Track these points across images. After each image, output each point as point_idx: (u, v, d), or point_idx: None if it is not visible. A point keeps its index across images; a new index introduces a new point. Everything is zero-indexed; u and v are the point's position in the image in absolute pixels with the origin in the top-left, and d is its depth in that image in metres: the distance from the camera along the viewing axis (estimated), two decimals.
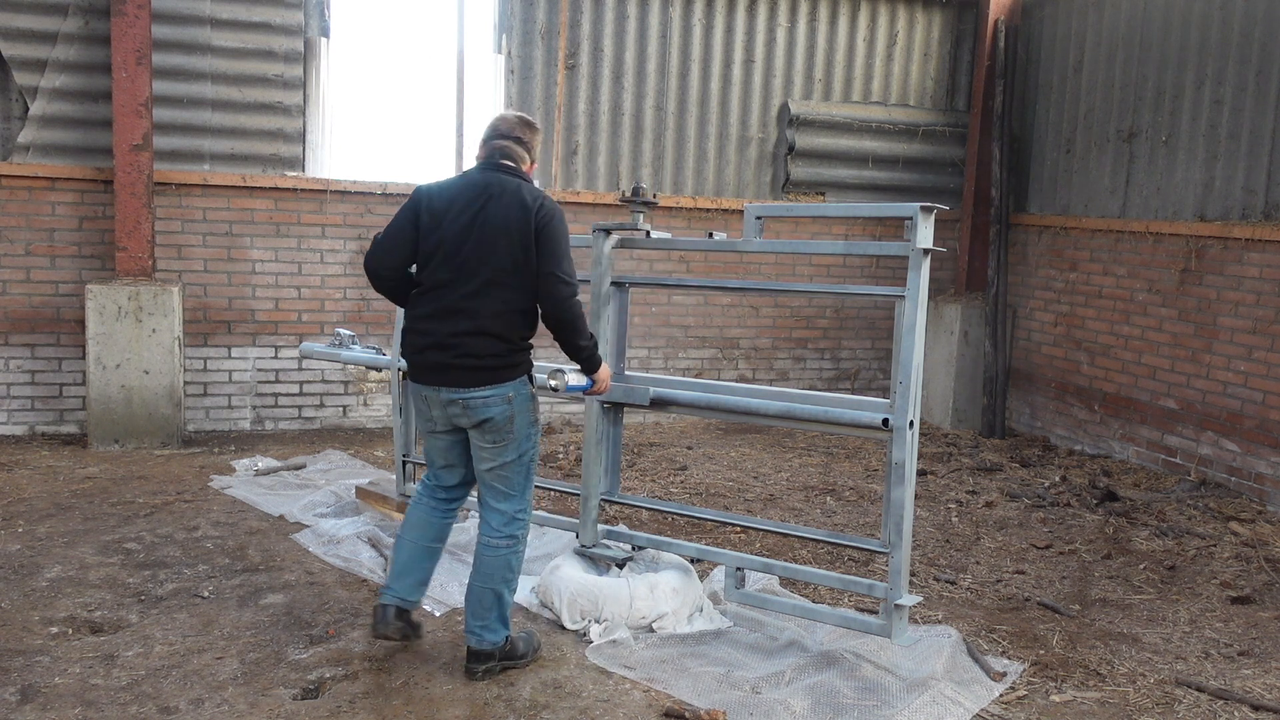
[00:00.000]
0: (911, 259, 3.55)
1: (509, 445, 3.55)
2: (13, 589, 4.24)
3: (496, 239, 3.43)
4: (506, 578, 3.61)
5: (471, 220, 3.46)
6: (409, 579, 3.71)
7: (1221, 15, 6.39)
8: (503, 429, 3.52)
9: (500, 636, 3.60)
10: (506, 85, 7.51)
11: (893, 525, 3.62)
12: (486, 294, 3.45)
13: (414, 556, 3.73)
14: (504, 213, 3.44)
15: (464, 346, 3.46)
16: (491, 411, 3.49)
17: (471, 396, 3.47)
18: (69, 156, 6.72)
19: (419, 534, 3.74)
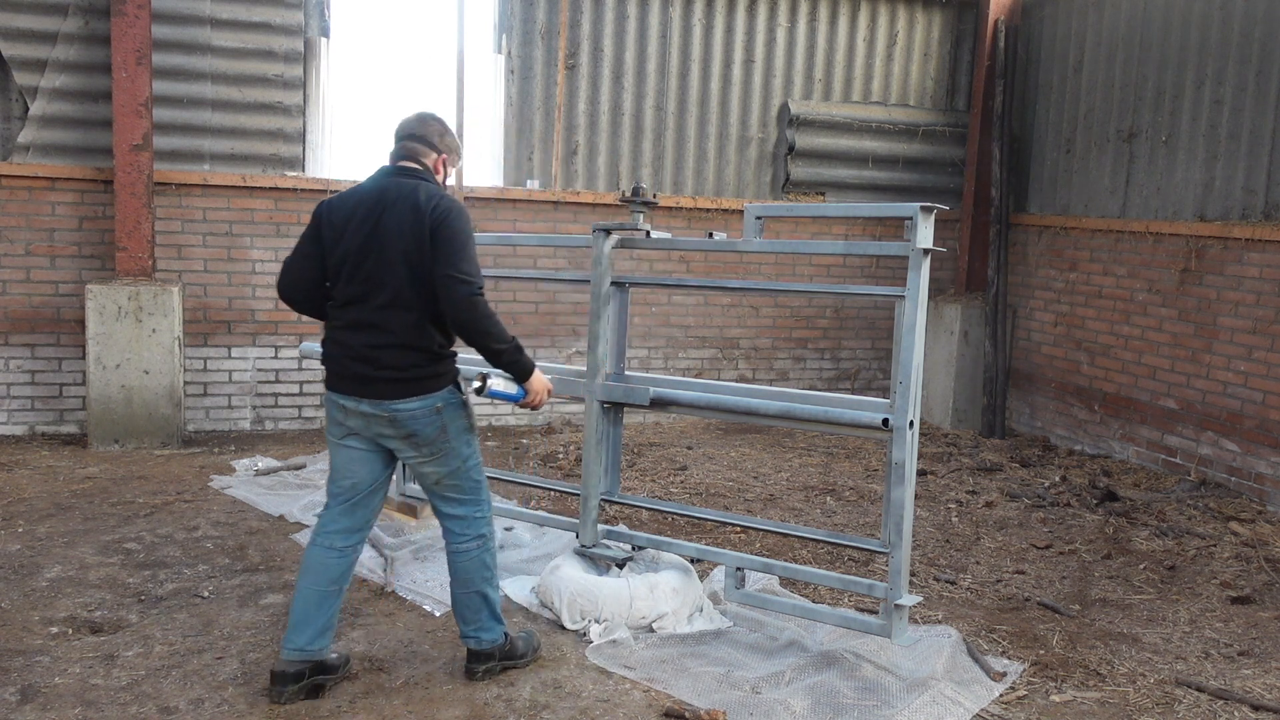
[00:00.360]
0: (911, 259, 3.55)
1: (446, 456, 3.43)
2: (13, 589, 4.23)
3: (394, 250, 3.27)
4: (485, 576, 3.56)
5: (370, 233, 3.31)
6: (309, 629, 3.41)
7: (1221, 15, 6.39)
8: (435, 441, 3.38)
9: (497, 634, 3.58)
10: (506, 85, 7.51)
11: (893, 525, 3.62)
12: (397, 306, 3.29)
13: (310, 604, 3.42)
14: (398, 221, 3.28)
15: (383, 359, 3.31)
16: (418, 424, 3.34)
17: (398, 410, 3.32)
18: (69, 156, 6.72)
19: (314, 579, 3.44)
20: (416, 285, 3.29)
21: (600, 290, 4.25)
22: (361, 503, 3.52)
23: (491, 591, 3.58)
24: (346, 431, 3.45)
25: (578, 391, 4.36)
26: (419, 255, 3.27)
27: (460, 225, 3.30)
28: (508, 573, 4.57)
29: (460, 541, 3.53)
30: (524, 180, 7.64)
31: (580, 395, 4.35)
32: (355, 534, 3.53)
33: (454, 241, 3.26)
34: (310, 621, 3.42)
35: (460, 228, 3.29)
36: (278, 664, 3.41)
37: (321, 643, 3.44)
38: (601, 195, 7.67)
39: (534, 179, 7.65)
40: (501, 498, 5.67)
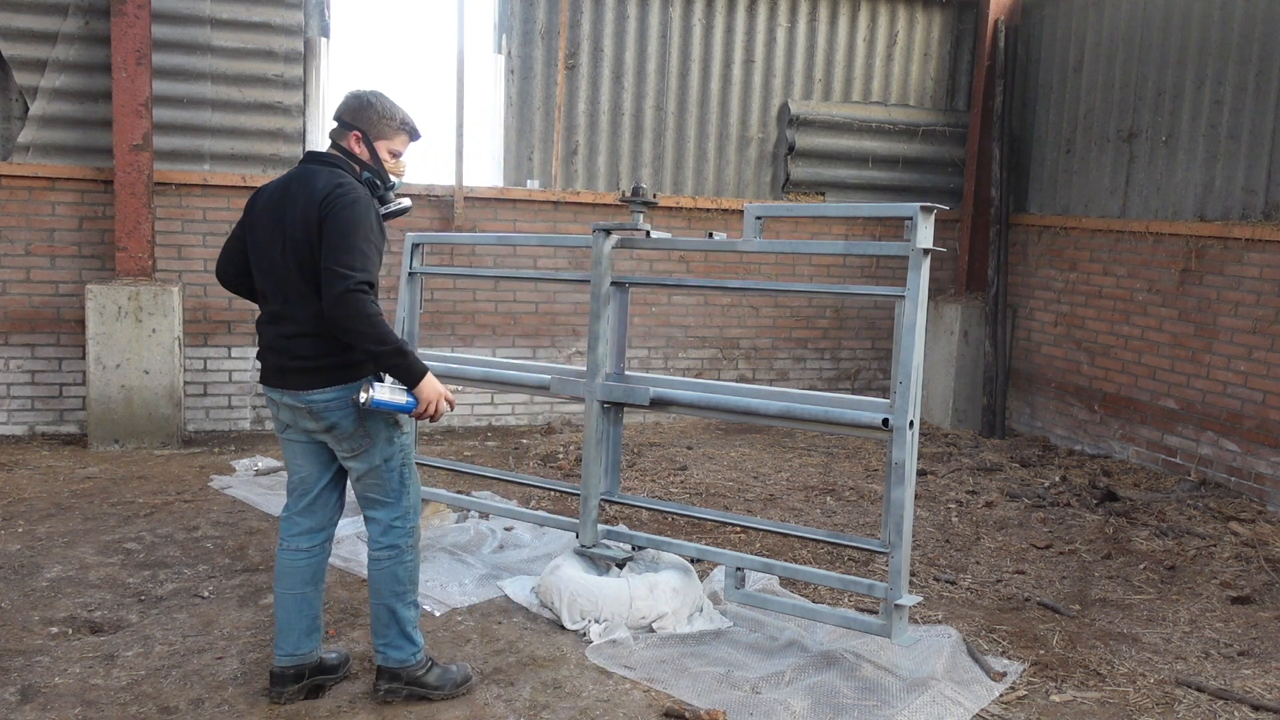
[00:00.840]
0: (911, 259, 3.55)
1: (368, 452, 3.28)
2: (13, 589, 4.23)
3: (291, 240, 3.16)
4: (396, 591, 3.36)
5: (273, 224, 3.22)
6: (294, 632, 3.39)
7: (1221, 15, 6.39)
8: (354, 435, 3.25)
9: (406, 654, 3.39)
10: (506, 85, 7.51)
11: (893, 525, 3.62)
12: (301, 296, 3.18)
13: (290, 609, 3.40)
14: (297, 210, 3.16)
15: (294, 348, 3.22)
16: (336, 416, 3.22)
17: (313, 400, 3.21)
18: (69, 156, 6.72)
19: (288, 583, 3.41)
20: (310, 278, 3.16)
21: (600, 290, 4.25)
22: (318, 500, 3.44)
23: (402, 608, 3.38)
24: (283, 424, 3.39)
25: (578, 391, 4.36)
26: (309, 246, 3.14)
27: (352, 215, 3.11)
28: (508, 573, 4.58)
29: (374, 548, 3.38)
30: (524, 180, 7.64)
31: (580, 395, 4.35)
32: (319, 533, 3.46)
33: (337, 231, 3.09)
34: (293, 625, 3.40)
35: (347, 217, 3.10)
36: (274, 666, 3.41)
37: (309, 644, 3.42)
38: (601, 195, 7.67)
39: (534, 179, 7.65)
40: (501, 498, 5.67)
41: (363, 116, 3.35)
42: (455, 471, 5.33)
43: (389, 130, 3.39)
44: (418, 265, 4.92)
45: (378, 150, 3.37)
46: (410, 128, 3.45)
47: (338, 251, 3.07)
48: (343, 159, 3.34)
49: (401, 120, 3.41)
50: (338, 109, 3.40)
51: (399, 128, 3.40)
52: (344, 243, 3.08)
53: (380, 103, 3.38)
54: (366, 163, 3.36)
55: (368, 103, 3.36)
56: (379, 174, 3.39)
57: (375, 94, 3.40)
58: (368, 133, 3.35)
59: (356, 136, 3.35)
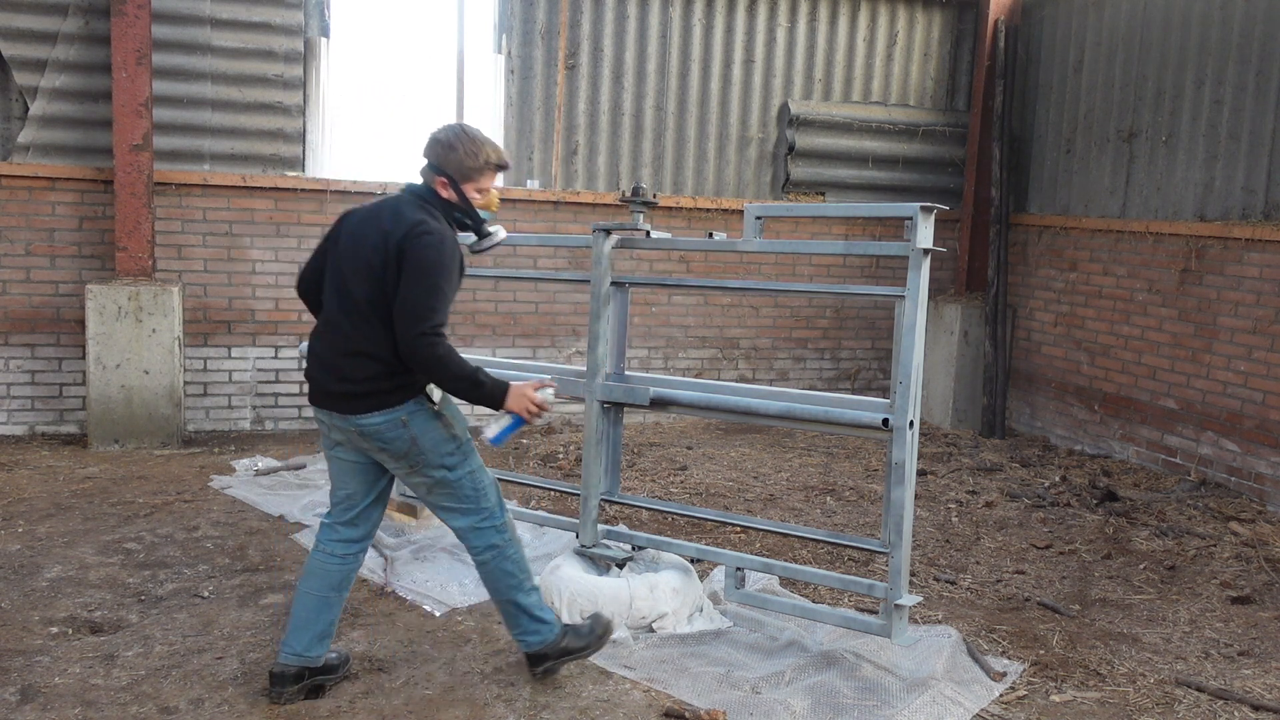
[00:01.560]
0: (911, 259, 3.55)
1: (425, 468, 3.32)
2: (13, 589, 4.24)
3: (371, 263, 3.21)
4: (511, 585, 3.46)
5: (358, 243, 3.27)
6: (307, 634, 3.40)
7: (1221, 15, 6.39)
8: (409, 454, 3.29)
9: (545, 634, 3.50)
10: (506, 85, 7.51)
11: (893, 525, 3.62)
12: (364, 319, 3.22)
13: (310, 609, 3.42)
14: (379, 238, 3.21)
15: (344, 368, 3.25)
16: (386, 438, 3.26)
17: (362, 424, 3.25)
18: (69, 156, 6.72)
19: (315, 583, 3.44)
20: (377, 304, 3.21)
21: (600, 290, 4.25)
22: (362, 514, 3.48)
23: (523, 596, 3.47)
24: (334, 443, 3.42)
25: (578, 391, 4.36)
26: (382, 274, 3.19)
27: (430, 256, 3.14)
28: None
29: (474, 554, 3.47)
30: (524, 180, 7.64)
31: (580, 395, 4.35)
32: (356, 544, 3.50)
33: (418, 271, 3.14)
34: (308, 626, 3.41)
35: (429, 258, 3.14)
36: (275, 665, 3.40)
37: (318, 649, 3.42)
38: (601, 195, 7.67)
39: (534, 179, 7.65)
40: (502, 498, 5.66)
41: (448, 161, 3.33)
42: None
43: (474, 173, 3.36)
44: None
45: (465, 192, 3.36)
46: (495, 164, 3.39)
47: (416, 292, 3.12)
48: (430, 196, 3.35)
49: (485, 160, 3.36)
50: (425, 148, 3.38)
51: (483, 167, 3.36)
52: (423, 284, 3.13)
53: (464, 145, 3.33)
54: (456, 204, 3.37)
55: (451, 146, 3.32)
56: (469, 214, 3.40)
57: (459, 134, 3.35)
58: (454, 177, 3.33)
59: (442, 182, 3.34)
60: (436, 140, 3.36)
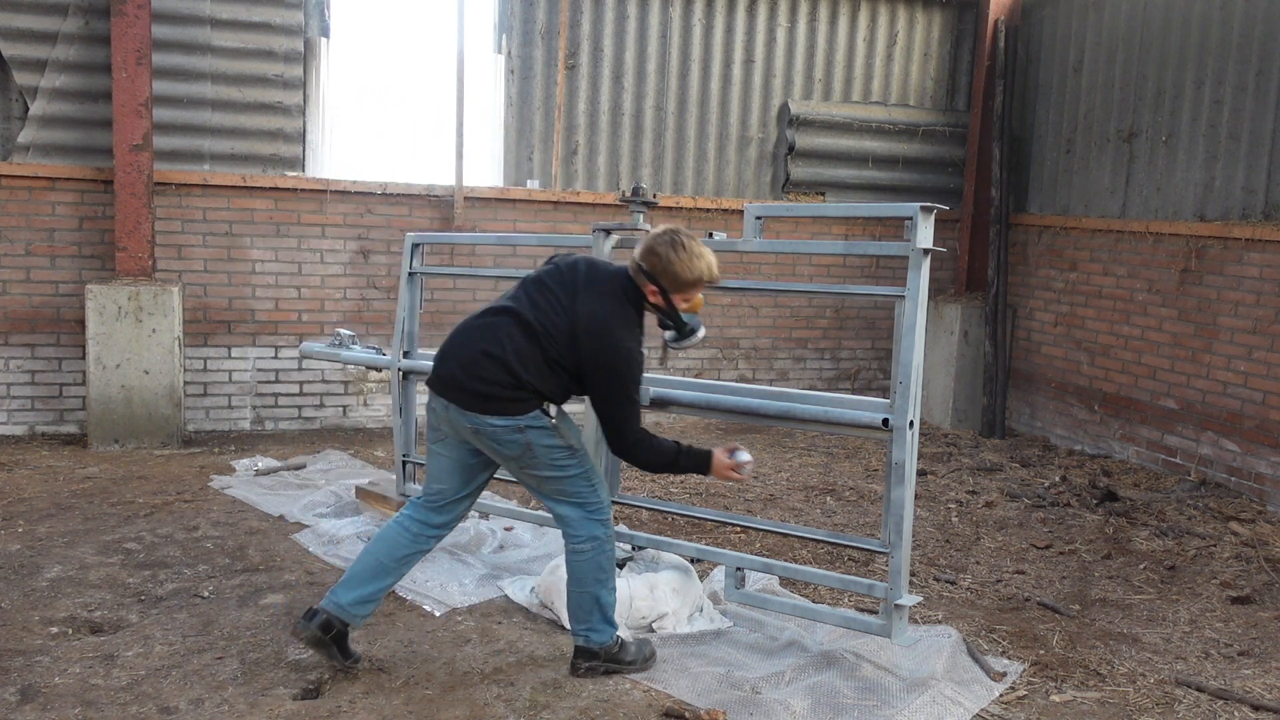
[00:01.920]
0: (911, 259, 3.55)
1: (537, 468, 3.48)
2: (13, 589, 4.23)
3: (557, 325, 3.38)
4: (599, 578, 3.57)
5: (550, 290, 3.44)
6: (355, 591, 3.49)
7: (1221, 15, 6.39)
8: (522, 457, 3.45)
9: (608, 636, 3.60)
10: (506, 85, 7.51)
11: (893, 525, 3.62)
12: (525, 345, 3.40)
13: (366, 568, 3.53)
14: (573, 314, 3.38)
15: (482, 367, 3.39)
16: (504, 440, 3.42)
17: (480, 424, 3.40)
18: (69, 156, 6.72)
19: (381, 546, 3.57)
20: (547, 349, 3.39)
21: None
22: (447, 507, 3.64)
23: (605, 594, 3.59)
24: (439, 437, 3.56)
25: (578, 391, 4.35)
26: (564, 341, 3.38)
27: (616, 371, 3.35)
28: (508, 573, 4.58)
29: (574, 542, 3.56)
30: (524, 180, 7.64)
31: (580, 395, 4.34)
32: (434, 529, 3.64)
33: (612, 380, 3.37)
34: (359, 585, 3.52)
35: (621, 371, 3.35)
36: (316, 605, 3.53)
37: (360, 611, 3.52)
38: (601, 195, 7.67)
39: (534, 179, 7.65)
40: (501, 498, 5.66)
41: (663, 273, 3.41)
42: None
43: (688, 287, 3.46)
44: (418, 265, 4.91)
45: (674, 302, 3.48)
46: (709, 281, 3.48)
47: (612, 406, 3.40)
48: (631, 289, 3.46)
49: (699, 277, 3.44)
50: (639, 251, 3.44)
51: (696, 283, 3.45)
52: (616, 396, 3.38)
53: (680, 261, 3.39)
54: (664, 310, 3.50)
55: (669, 260, 3.39)
56: (672, 317, 3.54)
57: (676, 247, 3.39)
58: (666, 289, 3.43)
59: (653, 290, 3.44)
60: (653, 251, 3.41)
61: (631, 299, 3.46)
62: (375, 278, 7.33)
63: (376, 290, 7.35)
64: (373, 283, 7.34)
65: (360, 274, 7.30)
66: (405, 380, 4.99)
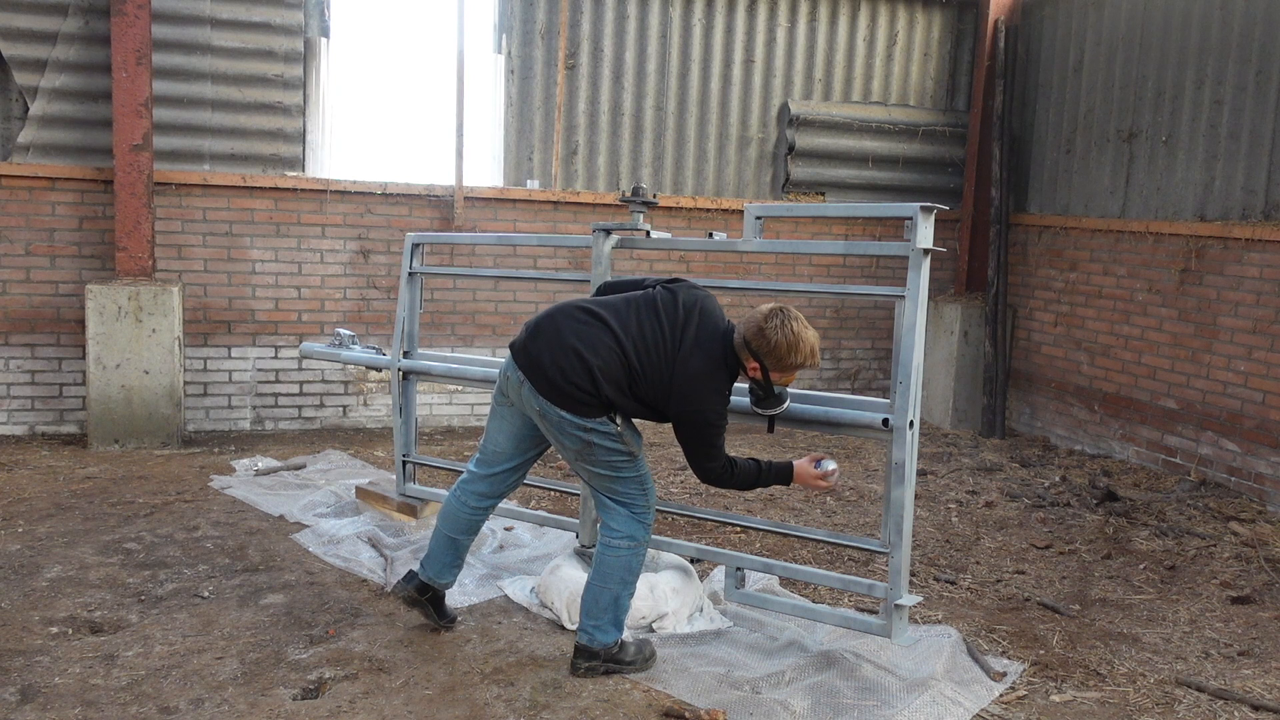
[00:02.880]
0: (911, 259, 3.55)
1: (598, 465, 3.54)
2: (13, 589, 4.24)
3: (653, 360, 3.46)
4: (626, 579, 3.61)
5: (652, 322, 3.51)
6: (436, 563, 3.84)
7: (1221, 15, 6.39)
8: (581, 451, 3.52)
9: (612, 639, 3.62)
10: (506, 85, 7.51)
11: (893, 525, 3.62)
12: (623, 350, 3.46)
13: (440, 544, 3.84)
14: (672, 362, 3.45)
15: (565, 362, 3.44)
16: (569, 433, 3.48)
17: (548, 412, 3.48)
18: (69, 156, 6.72)
19: (447, 524, 3.85)
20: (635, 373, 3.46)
21: None
22: (498, 476, 3.79)
23: (626, 596, 3.63)
24: (506, 400, 3.68)
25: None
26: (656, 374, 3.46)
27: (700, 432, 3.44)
28: (508, 573, 4.58)
29: (612, 536, 3.61)
30: (524, 180, 7.64)
31: None
32: (488, 499, 3.84)
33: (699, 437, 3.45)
34: (438, 557, 3.85)
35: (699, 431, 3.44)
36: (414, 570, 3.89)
37: (447, 577, 3.87)
38: (601, 195, 7.67)
39: (534, 179, 7.65)
40: None
41: (769, 355, 3.48)
42: (455, 471, 5.33)
43: (786, 369, 3.53)
44: (418, 265, 4.91)
45: (772, 378, 3.56)
46: (808, 364, 3.54)
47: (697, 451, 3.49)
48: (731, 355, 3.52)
49: (798, 363, 3.50)
50: (749, 329, 3.48)
51: (794, 367, 3.52)
52: (704, 449, 3.48)
53: (788, 343, 3.46)
54: (760, 382, 3.59)
55: (777, 344, 3.46)
56: (768, 389, 3.62)
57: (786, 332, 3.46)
58: (767, 366, 3.52)
59: (755, 368, 3.53)
60: (763, 334, 3.47)
61: (729, 366, 3.52)
62: (375, 278, 7.33)
63: (376, 290, 7.35)
64: (373, 283, 7.34)
65: (360, 274, 7.30)
66: (405, 380, 4.99)
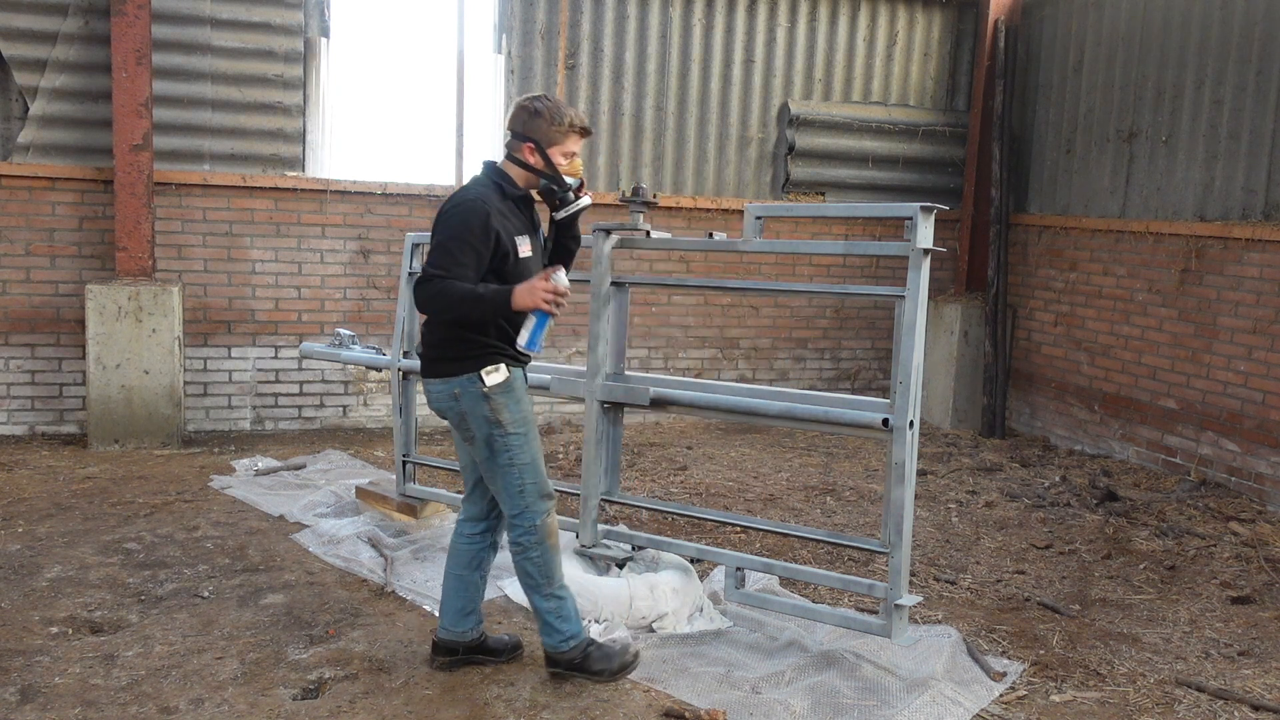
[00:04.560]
0: (911, 259, 3.55)
1: (477, 444, 3.45)
2: (13, 589, 4.24)
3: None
4: (528, 584, 3.54)
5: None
6: (450, 610, 3.64)
7: (1221, 15, 6.38)
8: (460, 426, 3.45)
9: (555, 640, 3.54)
10: (506, 85, 7.51)
11: (893, 525, 3.62)
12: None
13: (449, 588, 3.66)
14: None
15: (424, 334, 3.52)
16: (444, 405, 3.45)
17: (429, 388, 3.48)
18: (69, 156, 6.72)
19: (451, 562, 3.69)
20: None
21: (600, 290, 4.26)
22: (474, 492, 3.67)
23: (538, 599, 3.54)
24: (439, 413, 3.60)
25: (578, 391, 4.36)
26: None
27: (442, 220, 3.32)
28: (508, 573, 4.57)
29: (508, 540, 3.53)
30: None
31: (580, 395, 4.35)
32: (478, 523, 3.67)
33: (437, 234, 3.33)
34: (450, 602, 3.64)
35: (450, 222, 3.30)
36: (434, 636, 3.69)
37: (463, 625, 3.63)
38: (601, 195, 7.65)
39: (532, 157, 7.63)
40: None
41: (534, 127, 3.41)
42: (455, 471, 5.33)
43: (560, 136, 3.43)
44: (418, 265, 4.91)
45: (552, 157, 3.44)
46: (580, 127, 3.47)
47: (432, 251, 3.33)
48: (494, 172, 3.46)
49: (570, 123, 3.44)
50: (509, 120, 3.47)
51: (569, 130, 3.44)
52: (434, 242, 3.33)
53: (549, 111, 3.41)
54: (543, 170, 3.45)
55: (536, 112, 3.41)
56: (555, 179, 3.47)
57: (543, 101, 3.43)
58: (540, 142, 3.42)
59: (530, 148, 3.43)
60: (522, 107, 3.44)
61: (499, 185, 3.42)
62: (375, 278, 7.33)
63: (376, 290, 7.35)
64: (373, 283, 7.34)
65: (360, 274, 7.30)
66: (405, 380, 4.99)
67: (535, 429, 3.54)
